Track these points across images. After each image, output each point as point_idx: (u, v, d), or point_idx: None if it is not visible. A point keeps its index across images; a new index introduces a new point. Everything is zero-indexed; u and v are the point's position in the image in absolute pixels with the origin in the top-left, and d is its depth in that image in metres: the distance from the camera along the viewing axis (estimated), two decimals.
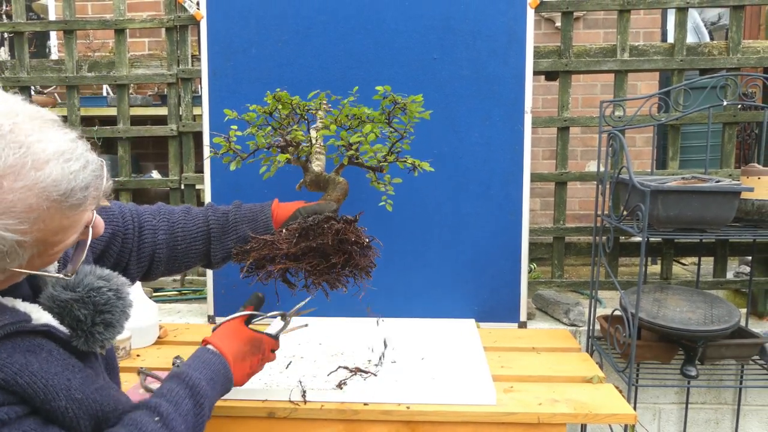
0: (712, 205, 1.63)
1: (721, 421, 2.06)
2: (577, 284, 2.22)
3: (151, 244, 1.25)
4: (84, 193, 0.78)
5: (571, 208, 3.83)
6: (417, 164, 1.41)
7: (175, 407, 0.99)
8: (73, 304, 0.88)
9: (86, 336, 0.89)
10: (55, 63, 2.34)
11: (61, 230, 0.78)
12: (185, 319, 2.13)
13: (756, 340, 1.79)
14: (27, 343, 0.83)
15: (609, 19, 3.79)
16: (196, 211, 1.33)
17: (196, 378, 1.05)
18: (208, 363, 1.11)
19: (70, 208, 0.77)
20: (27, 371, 0.81)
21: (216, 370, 1.11)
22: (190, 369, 1.07)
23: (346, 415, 1.37)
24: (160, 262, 1.27)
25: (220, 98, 1.97)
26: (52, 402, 0.83)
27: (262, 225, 1.31)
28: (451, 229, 1.96)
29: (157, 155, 3.78)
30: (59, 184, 0.75)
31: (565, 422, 1.37)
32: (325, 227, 1.24)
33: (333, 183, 1.38)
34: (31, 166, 0.73)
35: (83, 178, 0.77)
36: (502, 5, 1.89)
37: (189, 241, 1.30)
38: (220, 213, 1.32)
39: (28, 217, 0.74)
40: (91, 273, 0.92)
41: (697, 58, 2.07)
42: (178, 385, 1.03)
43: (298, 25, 1.93)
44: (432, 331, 1.83)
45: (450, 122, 1.93)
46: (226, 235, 1.31)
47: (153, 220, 1.27)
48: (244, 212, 1.32)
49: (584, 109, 3.86)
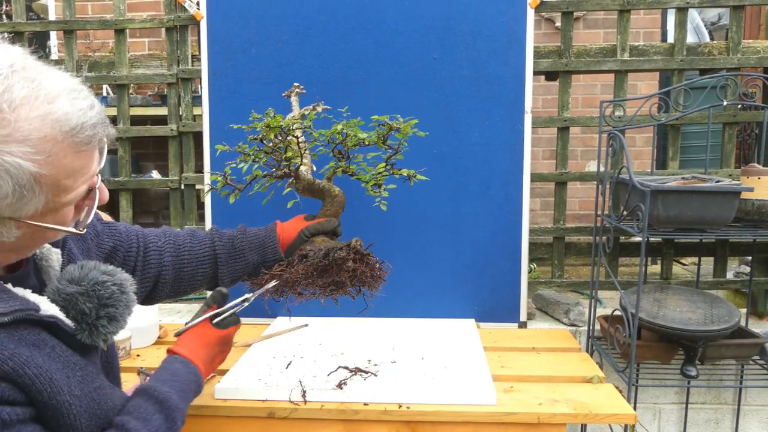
0: (712, 205, 1.63)
1: (721, 421, 2.06)
2: (577, 284, 2.22)
3: (157, 266, 1.26)
4: (93, 131, 0.81)
5: (571, 208, 3.83)
6: (412, 175, 1.42)
7: (144, 423, 0.97)
8: (79, 297, 0.90)
9: (90, 329, 0.90)
10: (55, 63, 2.34)
11: (72, 172, 0.81)
12: (185, 319, 2.13)
13: (756, 340, 1.79)
14: (33, 336, 0.84)
15: (609, 19, 3.79)
16: (201, 234, 1.35)
17: (165, 392, 1.03)
18: (176, 374, 1.09)
19: (79, 144, 0.80)
20: (33, 363, 0.82)
21: (187, 380, 1.09)
22: (159, 382, 1.05)
23: (346, 415, 1.37)
24: (165, 283, 1.28)
25: (220, 98, 1.97)
26: (58, 396, 0.84)
27: (270, 252, 1.34)
28: (451, 229, 1.96)
29: (157, 155, 3.78)
30: (70, 117, 0.79)
31: (565, 422, 1.37)
32: (342, 267, 1.28)
33: (330, 195, 1.40)
34: (44, 98, 0.77)
35: (91, 117, 0.81)
36: (502, 5, 1.89)
37: (195, 264, 1.31)
38: (225, 238, 1.34)
39: (44, 148, 0.77)
40: (96, 268, 0.94)
41: (697, 58, 2.07)
42: (147, 401, 1.01)
43: (298, 25, 1.93)
44: (432, 331, 1.83)
45: (450, 122, 1.93)
46: (234, 260, 1.33)
47: (158, 242, 1.28)
48: (251, 239, 1.34)
49: (584, 109, 3.86)
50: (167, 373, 1.09)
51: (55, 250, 0.98)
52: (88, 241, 1.12)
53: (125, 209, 2.29)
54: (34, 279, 0.94)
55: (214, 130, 1.98)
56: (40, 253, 0.96)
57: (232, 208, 1.62)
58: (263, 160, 1.38)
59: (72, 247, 1.04)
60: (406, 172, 1.43)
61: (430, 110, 1.93)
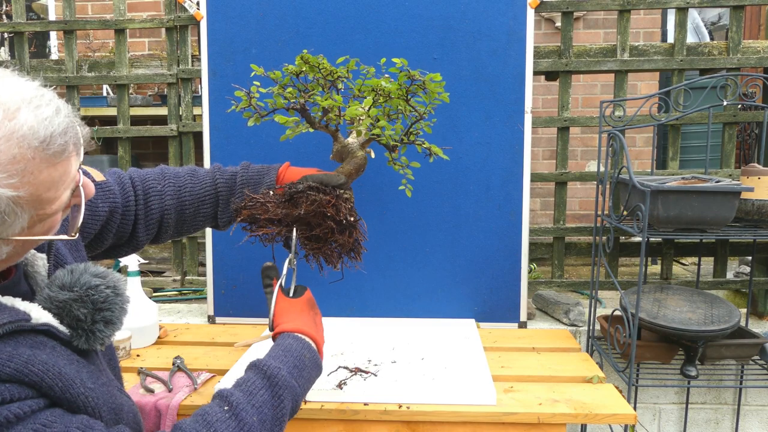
0: (712, 205, 1.63)
1: (721, 421, 2.06)
2: (577, 284, 2.22)
3: (159, 210, 1.24)
4: (64, 138, 0.76)
5: (571, 208, 3.83)
6: (432, 149, 1.35)
7: (249, 397, 0.96)
8: (72, 303, 0.86)
9: (87, 335, 0.88)
10: (55, 63, 2.34)
11: (52, 184, 0.76)
12: (185, 319, 2.13)
13: (756, 340, 1.79)
14: (30, 340, 0.82)
15: (609, 19, 3.79)
16: (202, 172, 1.31)
17: (275, 367, 1.01)
18: (289, 349, 1.06)
19: (53, 156, 0.75)
20: (37, 360, 0.79)
21: (300, 355, 1.05)
22: (269, 358, 1.03)
23: (346, 415, 1.37)
24: (169, 226, 1.26)
25: (220, 98, 1.97)
26: (71, 389, 0.81)
27: (265, 188, 1.30)
28: (451, 229, 1.96)
29: (157, 155, 3.78)
30: (37, 130, 0.73)
31: (565, 422, 1.37)
32: (306, 196, 1.19)
33: (351, 155, 1.33)
34: (3, 116, 0.72)
35: (59, 123, 0.76)
36: (502, 5, 1.89)
37: (197, 205, 1.29)
38: (228, 175, 1.31)
39: (15, 169, 0.72)
40: (87, 271, 0.90)
41: (697, 58, 2.07)
42: (256, 375, 1.00)
43: (298, 25, 1.93)
44: (432, 331, 1.83)
45: (450, 122, 1.93)
46: (234, 196, 1.30)
47: (158, 186, 1.25)
48: (251, 174, 1.31)
49: (584, 109, 3.86)
50: (279, 349, 1.06)
51: (40, 255, 0.94)
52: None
53: None
54: (24, 285, 0.91)
55: (214, 130, 1.98)
56: (26, 259, 0.92)
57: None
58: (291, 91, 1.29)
59: (59, 247, 1.00)
60: (427, 145, 1.35)
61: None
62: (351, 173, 1.31)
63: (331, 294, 1.96)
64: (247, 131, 1.94)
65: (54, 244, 0.98)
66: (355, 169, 1.32)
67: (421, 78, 1.28)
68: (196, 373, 1.57)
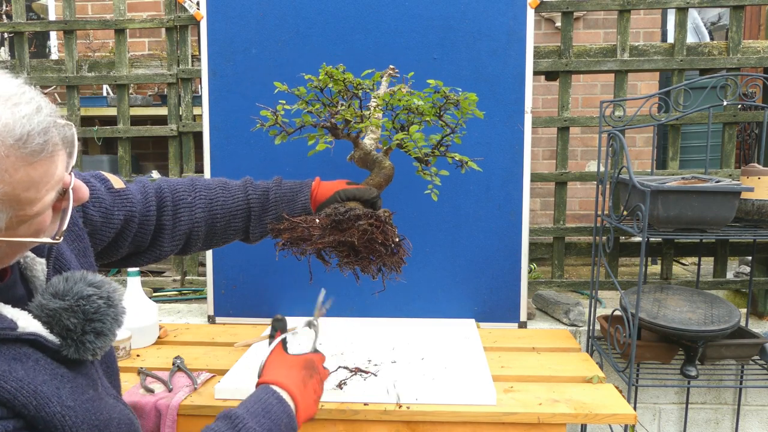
0: (712, 205, 1.63)
1: (721, 421, 2.06)
2: (577, 284, 2.22)
3: (188, 222, 1.22)
4: (44, 137, 0.73)
5: (571, 208, 3.83)
6: (466, 161, 1.34)
7: None
8: (62, 312, 0.84)
9: (76, 345, 0.85)
10: (55, 63, 2.34)
11: (31, 184, 0.73)
12: (185, 319, 2.13)
13: (756, 340, 1.79)
14: (12, 351, 0.79)
15: (609, 19, 3.79)
16: (234, 185, 1.30)
17: (250, 427, 0.97)
18: (269, 410, 1.01)
19: (31, 155, 0.72)
20: (11, 377, 0.77)
21: (277, 419, 1.01)
22: (247, 414, 0.98)
23: (346, 415, 1.37)
24: (198, 239, 1.25)
25: (220, 98, 1.97)
26: (46, 408, 0.79)
27: (300, 206, 1.29)
28: (451, 229, 1.96)
29: (157, 155, 3.78)
30: (12, 128, 0.70)
31: (565, 422, 1.37)
32: (354, 225, 1.19)
33: (379, 166, 1.32)
34: None
35: (39, 122, 0.73)
36: (502, 5, 1.88)
37: (228, 218, 1.27)
38: (260, 190, 1.30)
39: None
40: (82, 280, 0.87)
41: (697, 58, 2.07)
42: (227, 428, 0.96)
43: (298, 25, 1.93)
44: (432, 331, 1.83)
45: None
46: (266, 213, 1.29)
47: (189, 197, 1.23)
48: (284, 191, 1.30)
49: (584, 109, 3.86)
50: (259, 406, 1.01)
51: (39, 260, 0.92)
52: (85, 241, 1.06)
53: None
54: (21, 289, 0.89)
55: (214, 130, 1.98)
56: (24, 263, 0.90)
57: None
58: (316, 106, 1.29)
59: (64, 251, 0.98)
60: (459, 157, 1.34)
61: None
62: (381, 185, 1.32)
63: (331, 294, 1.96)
64: (247, 131, 1.94)
65: (55, 248, 0.96)
66: (385, 180, 1.32)
67: (456, 98, 1.29)
68: (196, 373, 1.57)
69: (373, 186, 1.31)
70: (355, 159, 1.36)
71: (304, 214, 1.28)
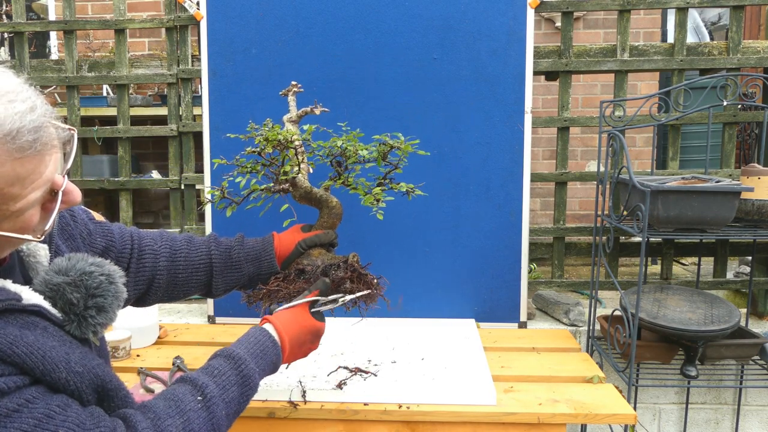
0: (712, 205, 1.63)
1: (721, 421, 2.06)
2: (577, 284, 2.22)
3: (152, 269, 1.25)
4: (34, 135, 0.75)
5: (571, 208, 3.83)
6: (411, 189, 1.42)
7: (222, 391, 0.98)
8: (66, 287, 0.87)
9: (79, 320, 0.88)
10: (55, 63, 2.34)
11: (16, 180, 0.75)
12: (185, 319, 2.13)
13: (756, 340, 1.79)
14: (20, 320, 0.82)
15: (609, 19, 3.79)
16: (198, 241, 1.34)
17: (252, 369, 1.04)
18: (265, 353, 1.08)
19: (18, 151, 0.74)
20: (23, 342, 0.79)
21: (270, 362, 1.09)
22: (247, 354, 1.05)
23: (346, 415, 1.37)
24: (159, 287, 1.27)
25: (220, 98, 1.97)
26: (52, 373, 0.81)
27: (266, 265, 1.34)
28: (451, 229, 1.96)
29: (157, 155, 3.78)
30: (3, 123, 0.73)
31: (565, 422, 1.37)
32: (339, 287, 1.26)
33: (327, 206, 1.38)
34: None
35: (31, 120, 0.75)
36: (502, 5, 1.89)
37: (191, 271, 1.31)
38: (223, 247, 1.34)
39: None
40: (84, 259, 0.91)
41: (697, 58, 2.07)
42: (231, 369, 1.02)
43: (298, 25, 1.93)
44: (432, 331, 1.83)
45: (450, 122, 1.93)
46: (230, 270, 1.33)
47: (154, 245, 1.27)
48: (247, 251, 1.34)
49: (584, 109, 3.86)
50: (258, 348, 1.08)
51: (42, 246, 0.95)
52: (78, 240, 1.10)
53: (125, 209, 2.29)
54: (18, 276, 0.91)
55: (214, 130, 1.98)
56: (27, 249, 0.93)
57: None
58: (261, 173, 1.38)
59: (60, 245, 1.01)
60: (405, 187, 1.42)
61: (430, 110, 1.93)
62: (335, 224, 1.39)
63: None
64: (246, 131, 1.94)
65: (54, 241, 0.99)
66: (337, 218, 1.39)
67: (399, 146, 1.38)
68: None
69: (328, 228, 1.38)
70: (296, 198, 1.40)
71: (272, 274, 1.33)
